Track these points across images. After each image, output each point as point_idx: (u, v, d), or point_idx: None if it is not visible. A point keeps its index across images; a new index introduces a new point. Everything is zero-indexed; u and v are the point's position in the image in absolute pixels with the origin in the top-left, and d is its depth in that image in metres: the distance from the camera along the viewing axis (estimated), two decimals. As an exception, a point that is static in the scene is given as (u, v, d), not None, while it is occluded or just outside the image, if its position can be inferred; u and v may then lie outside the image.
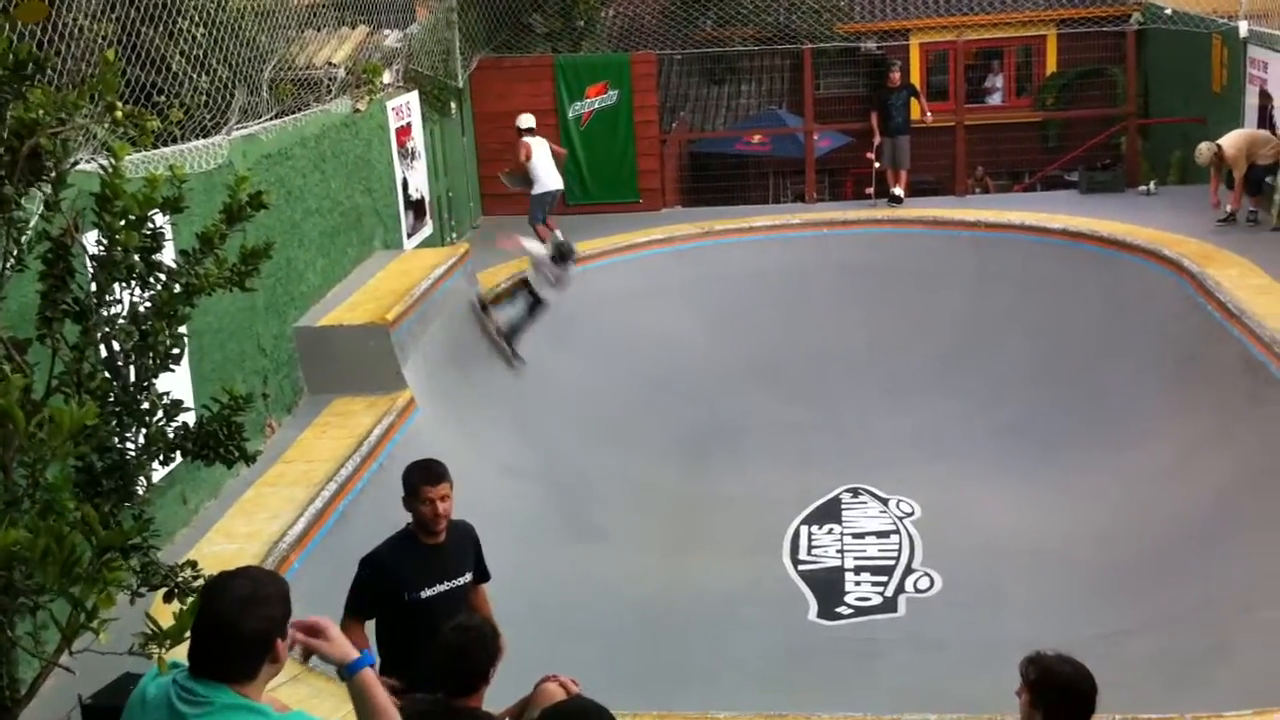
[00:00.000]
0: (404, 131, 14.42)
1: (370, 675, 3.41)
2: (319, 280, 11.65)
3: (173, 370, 4.80)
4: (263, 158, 10.45)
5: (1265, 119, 15.35)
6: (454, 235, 16.29)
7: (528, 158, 15.16)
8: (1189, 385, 12.25)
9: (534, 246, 13.61)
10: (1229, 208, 14.90)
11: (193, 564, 4.67)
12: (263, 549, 7.98)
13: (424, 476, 5.55)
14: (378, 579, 5.52)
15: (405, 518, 5.71)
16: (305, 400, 10.80)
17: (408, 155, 14.53)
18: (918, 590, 10.41)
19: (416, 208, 14.80)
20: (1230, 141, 14.72)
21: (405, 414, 10.64)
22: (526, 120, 15.37)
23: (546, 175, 15.29)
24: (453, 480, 5.60)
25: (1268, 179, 14.68)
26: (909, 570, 10.72)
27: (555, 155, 15.51)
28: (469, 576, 5.72)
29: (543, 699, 4.69)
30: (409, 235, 14.40)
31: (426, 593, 5.50)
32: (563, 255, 13.33)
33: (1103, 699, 4.46)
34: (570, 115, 17.66)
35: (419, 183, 14.94)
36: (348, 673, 3.37)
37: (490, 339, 13.22)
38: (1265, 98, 15.38)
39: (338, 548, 8.03)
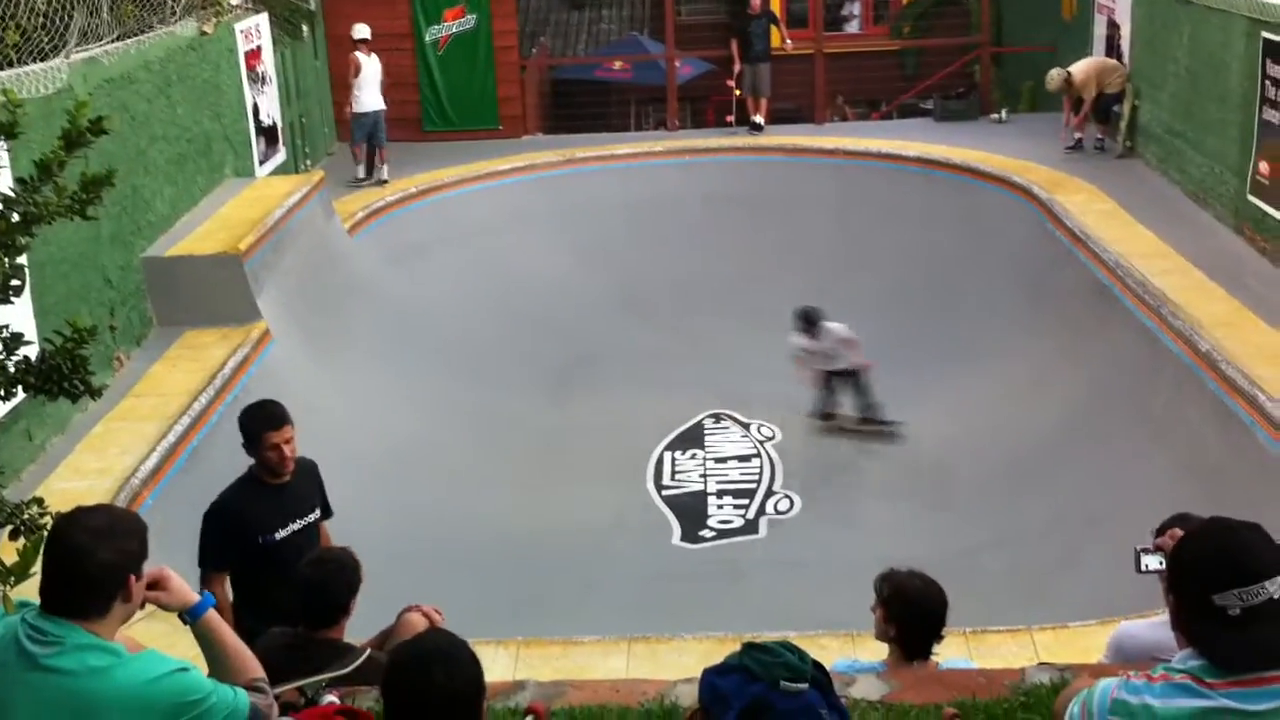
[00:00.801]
0: (254, 55, 13.97)
1: (215, 617, 3.35)
2: (167, 209, 11.27)
3: (12, 303, 4.60)
4: (104, 82, 10.03)
5: (1113, 48, 15.75)
6: (308, 163, 15.88)
7: (356, 73, 15.07)
8: (1040, 308, 12.62)
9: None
10: (1076, 135, 15.30)
11: (39, 501, 4.51)
12: (114, 485, 7.77)
13: (267, 423, 5.40)
14: (228, 527, 5.38)
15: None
16: (155, 332, 10.49)
17: (258, 80, 14.09)
18: (778, 512, 10.61)
19: (268, 134, 14.39)
20: (1080, 69, 15.09)
21: (260, 346, 10.42)
22: (360, 30, 15.15)
23: (365, 95, 15.13)
24: (292, 419, 5.46)
25: (1115, 107, 15.09)
26: (770, 493, 10.91)
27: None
28: (318, 513, 5.64)
29: (405, 629, 4.67)
30: (261, 163, 14.01)
31: (280, 534, 5.41)
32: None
33: (954, 613, 4.61)
34: (427, 39, 17.30)
35: (270, 108, 14.52)
36: (190, 618, 3.30)
37: (865, 432, 11.80)
38: (1113, 27, 15.77)
39: (192, 484, 7.86)
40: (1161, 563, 3.15)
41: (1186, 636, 2.72)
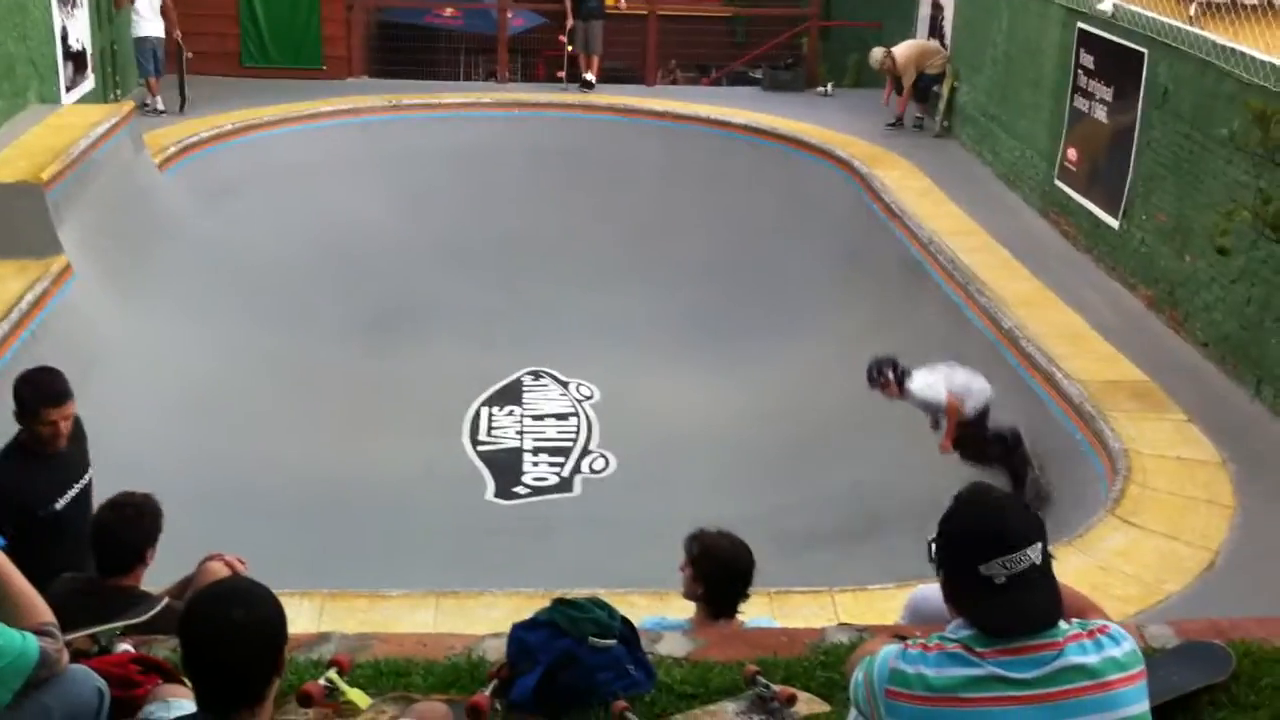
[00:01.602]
0: (64, -25, 13.28)
1: (3, 559, 3.19)
2: (-37, 132, 10.68)
3: None
4: (-103, -8, 9.42)
5: (936, 28, 16.16)
6: (119, 92, 15.19)
7: None
8: (855, 280, 12.92)
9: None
10: (897, 112, 15.67)
11: None
12: (-106, 422, 7.33)
13: (46, 398, 4.99)
14: (4, 507, 4.91)
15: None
16: (-55, 262, 9.93)
17: (68, 2, 13.40)
18: (593, 471, 10.65)
19: (77, 60, 13.71)
20: (901, 51, 15.46)
21: (60, 280, 9.96)
22: None
23: (143, 21, 14.79)
24: (73, 393, 5.07)
25: (935, 87, 15.51)
26: (585, 451, 10.95)
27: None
28: (91, 472, 5.30)
29: (206, 578, 4.52)
30: (68, 89, 13.35)
31: (60, 503, 5.08)
32: None
33: (759, 574, 4.70)
34: (250, -29, 16.70)
35: (80, 33, 13.83)
36: None
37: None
38: (937, 8, 16.18)
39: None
40: None
41: (957, 607, 2.79)
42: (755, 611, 5.10)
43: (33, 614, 3.20)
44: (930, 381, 8.87)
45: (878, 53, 15.53)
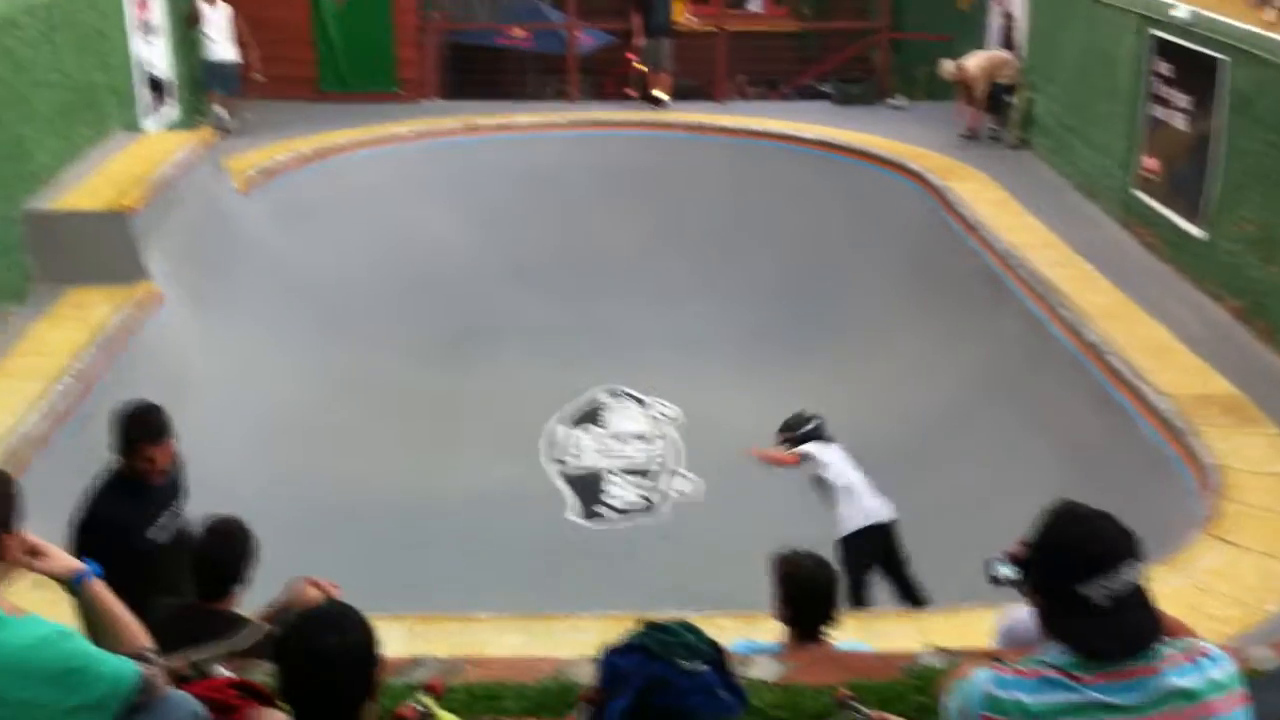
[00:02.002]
0: (143, 4, 13.54)
1: (100, 584, 3.25)
2: (50, 160, 10.89)
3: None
4: (-14, 25, 9.66)
5: (1007, 39, 16.02)
6: (200, 119, 15.46)
7: (195, 23, 15.10)
8: (930, 294, 12.81)
9: None
10: (970, 125, 15.55)
11: (-84, 462, 4.34)
12: (-5, 447, 7.51)
13: (145, 433, 5.06)
14: (105, 536, 4.94)
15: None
16: (37, 289, 10.15)
17: (148, 30, 13.67)
18: (679, 492, 10.64)
19: (158, 87, 13.97)
20: (973, 62, 15.34)
21: (148, 307, 10.15)
22: None
23: (213, 43, 15.16)
24: (173, 430, 5.15)
25: (1007, 98, 15.36)
26: (667, 471, 10.93)
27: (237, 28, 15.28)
28: (186, 498, 5.40)
29: (298, 601, 4.58)
30: (149, 117, 13.61)
31: (155, 533, 5.16)
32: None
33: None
34: (325, -2, 16.94)
35: (160, 61, 14.10)
36: (75, 584, 3.21)
37: None
38: (1008, 19, 16.03)
39: (80, 448, 7.62)
40: (1015, 571, 3.16)
41: (1055, 633, 2.73)
42: (846, 634, 5.07)
43: (131, 639, 3.24)
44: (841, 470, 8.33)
45: (948, 65, 15.43)
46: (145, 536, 5.11)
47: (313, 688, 2.79)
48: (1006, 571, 3.10)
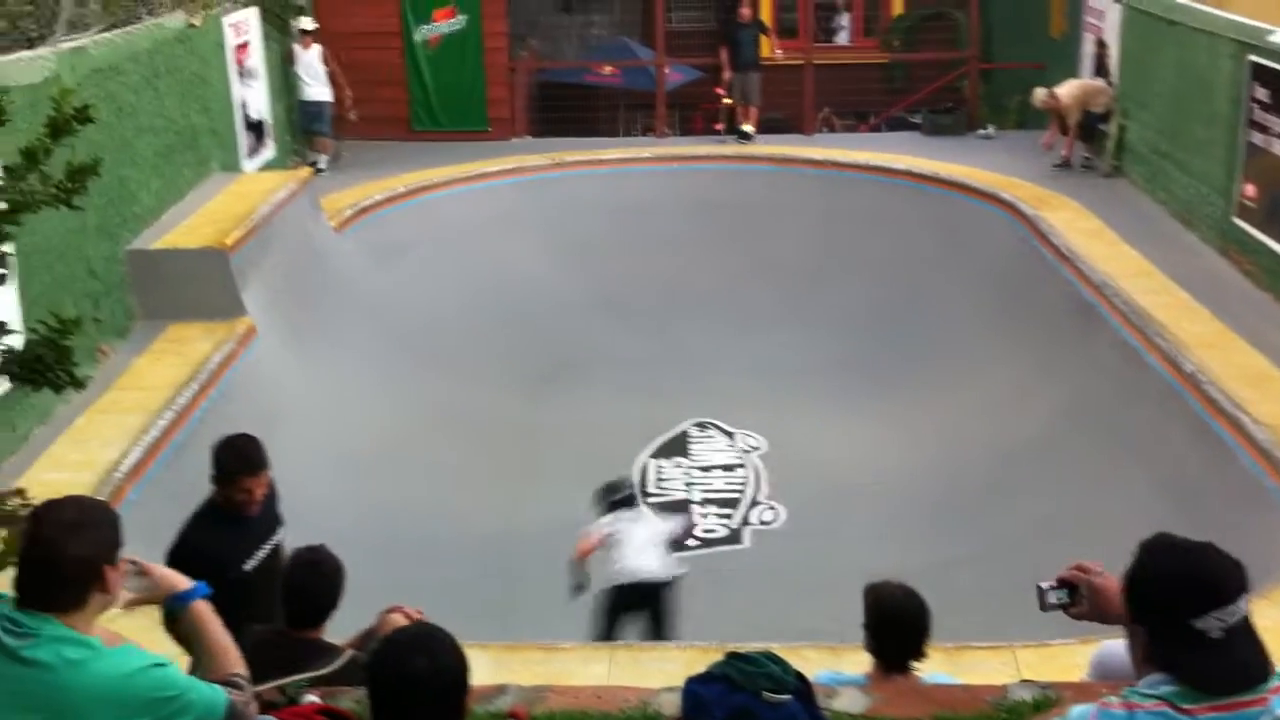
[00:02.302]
0: (242, 49, 13.93)
1: (205, 607, 3.31)
2: (153, 201, 11.22)
3: (-3, 291, 4.58)
4: (92, 72, 9.98)
5: (1101, 67, 15.82)
6: (296, 159, 15.84)
7: (290, 63, 15.62)
8: (1022, 324, 12.65)
9: None
10: (1063, 153, 15.36)
11: (21, 491, 4.50)
12: (95, 478, 7.72)
13: (243, 465, 5.13)
14: (197, 567, 4.65)
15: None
16: (139, 325, 10.44)
17: (247, 74, 14.05)
18: (762, 522, 10.60)
19: (256, 129, 14.34)
20: (1065, 90, 15.16)
21: (245, 341, 10.38)
22: (300, 23, 15.65)
23: (306, 84, 15.63)
24: (270, 463, 5.21)
25: (1101, 126, 15.16)
26: (754, 503, 10.90)
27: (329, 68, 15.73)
28: (282, 531, 5.43)
29: (386, 629, 4.63)
30: (248, 157, 13.96)
31: (249, 564, 5.20)
32: None
33: (935, 627, 4.60)
34: (417, 39, 17.25)
35: (258, 103, 14.47)
36: (179, 603, 3.28)
37: None
38: (1101, 46, 15.84)
39: (175, 479, 7.82)
40: (1066, 597, 3.22)
41: (1164, 666, 2.68)
42: (933, 667, 4.99)
43: (226, 664, 3.31)
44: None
45: (1040, 93, 15.26)
46: (241, 568, 5.19)
47: (402, 709, 2.81)
48: (1057, 597, 3.15)
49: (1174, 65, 13.36)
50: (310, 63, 15.61)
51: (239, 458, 5.16)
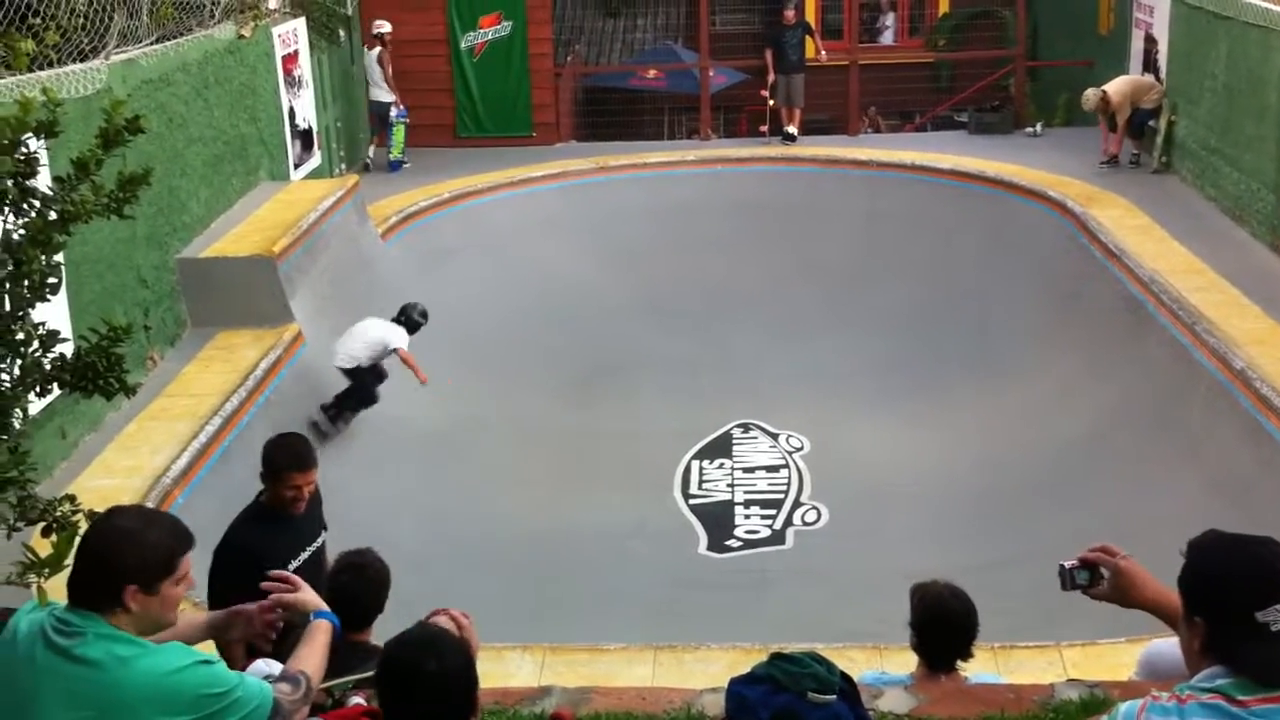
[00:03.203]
0: (290, 59, 14.06)
1: (326, 626, 3.53)
2: (202, 210, 11.36)
3: (49, 300, 4.66)
4: (143, 83, 10.12)
5: (1150, 63, 15.67)
6: (343, 167, 15.99)
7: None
8: (1071, 322, 12.55)
9: None
10: (1112, 150, 15.22)
11: (71, 498, 4.57)
12: (144, 484, 7.82)
13: (294, 462, 5.18)
14: (241, 566, 4.95)
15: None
16: (188, 333, 10.57)
17: (294, 84, 14.19)
18: (805, 523, 10.57)
19: (304, 138, 14.48)
20: (1115, 88, 15.01)
21: (293, 348, 10.49)
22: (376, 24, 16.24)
23: (373, 85, 16.46)
24: (318, 462, 5.28)
25: (1150, 122, 15.01)
26: (797, 504, 10.88)
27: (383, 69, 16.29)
28: (324, 534, 5.49)
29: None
30: (296, 166, 14.10)
31: (294, 565, 5.18)
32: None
33: (982, 627, 4.59)
34: (463, 46, 17.37)
35: (306, 112, 14.62)
36: (315, 616, 3.54)
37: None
38: (1150, 42, 15.68)
39: (222, 484, 7.91)
40: (1088, 579, 3.27)
41: (1220, 655, 2.69)
42: (979, 666, 4.98)
43: (309, 668, 3.42)
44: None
45: (1091, 94, 15.07)
46: (285, 567, 5.24)
47: (413, 710, 2.88)
48: (1080, 578, 3.21)
49: (1225, 60, 13.21)
50: (369, 64, 16.21)
51: (290, 454, 5.23)
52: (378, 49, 16.09)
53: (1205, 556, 2.78)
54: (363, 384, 10.74)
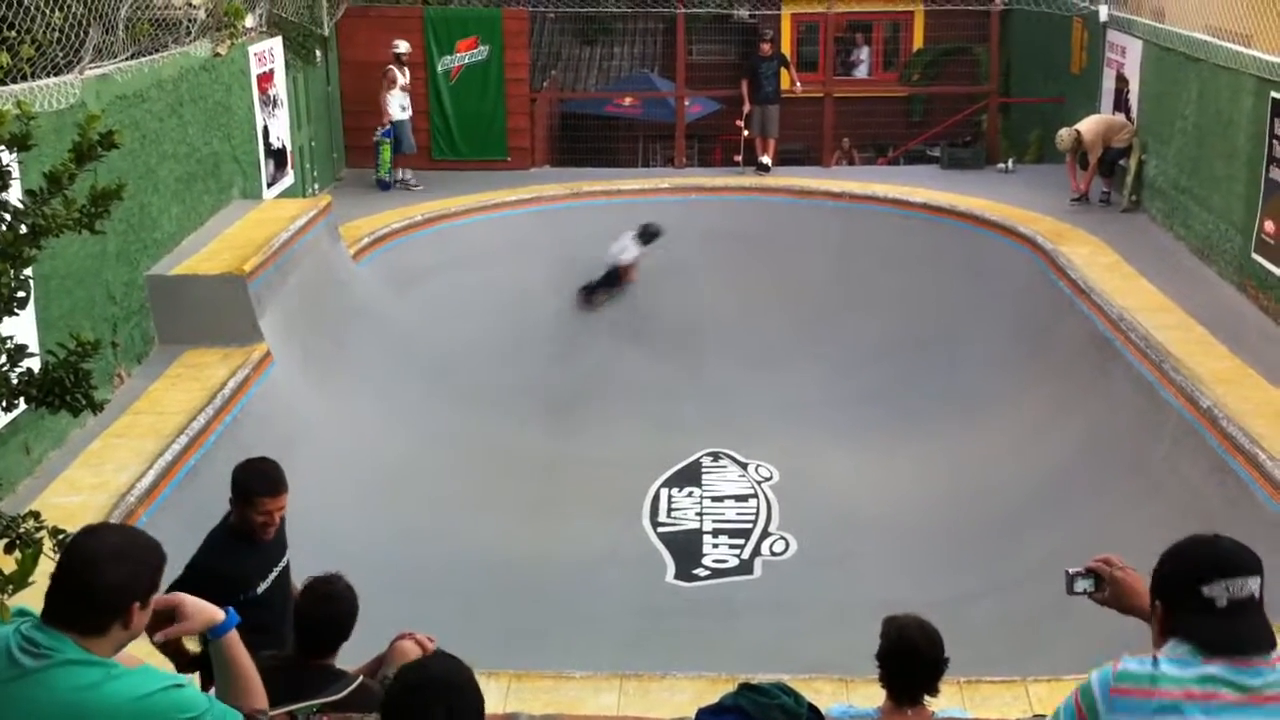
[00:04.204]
0: (266, 78, 14.04)
1: (235, 638, 3.33)
2: (174, 228, 11.30)
3: (17, 314, 4.61)
4: (117, 99, 10.08)
5: (1121, 102, 15.83)
6: (316, 187, 15.95)
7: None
8: (1040, 358, 12.62)
9: None
10: (1082, 188, 15.35)
11: (35, 514, 4.51)
12: (109, 501, 7.74)
13: (264, 487, 5.13)
14: (209, 589, 4.63)
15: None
16: (157, 350, 10.49)
17: (269, 103, 14.15)
18: (773, 553, 10.57)
19: (277, 157, 14.44)
20: (1088, 127, 15.17)
21: (261, 367, 10.41)
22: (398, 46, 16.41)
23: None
24: (288, 487, 5.22)
25: (1121, 161, 15.16)
26: (765, 534, 10.87)
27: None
28: (289, 552, 5.44)
29: (398, 656, 4.63)
30: (269, 185, 14.05)
31: (261, 587, 5.21)
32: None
33: (950, 661, 4.58)
34: (439, 69, 17.38)
35: (280, 131, 14.58)
36: (212, 637, 3.30)
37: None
38: (1122, 81, 15.85)
39: (188, 502, 7.85)
40: (1092, 585, 3.46)
41: (1175, 632, 2.95)
42: (946, 701, 4.97)
43: (250, 697, 3.31)
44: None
45: (1065, 134, 15.21)
46: (252, 590, 5.20)
47: None
48: (1084, 585, 3.41)
49: (1195, 101, 13.36)
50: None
51: (260, 479, 5.17)
52: (390, 68, 16.31)
53: (1167, 551, 3.07)
54: (613, 276, 14.66)
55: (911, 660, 4.61)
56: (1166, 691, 2.86)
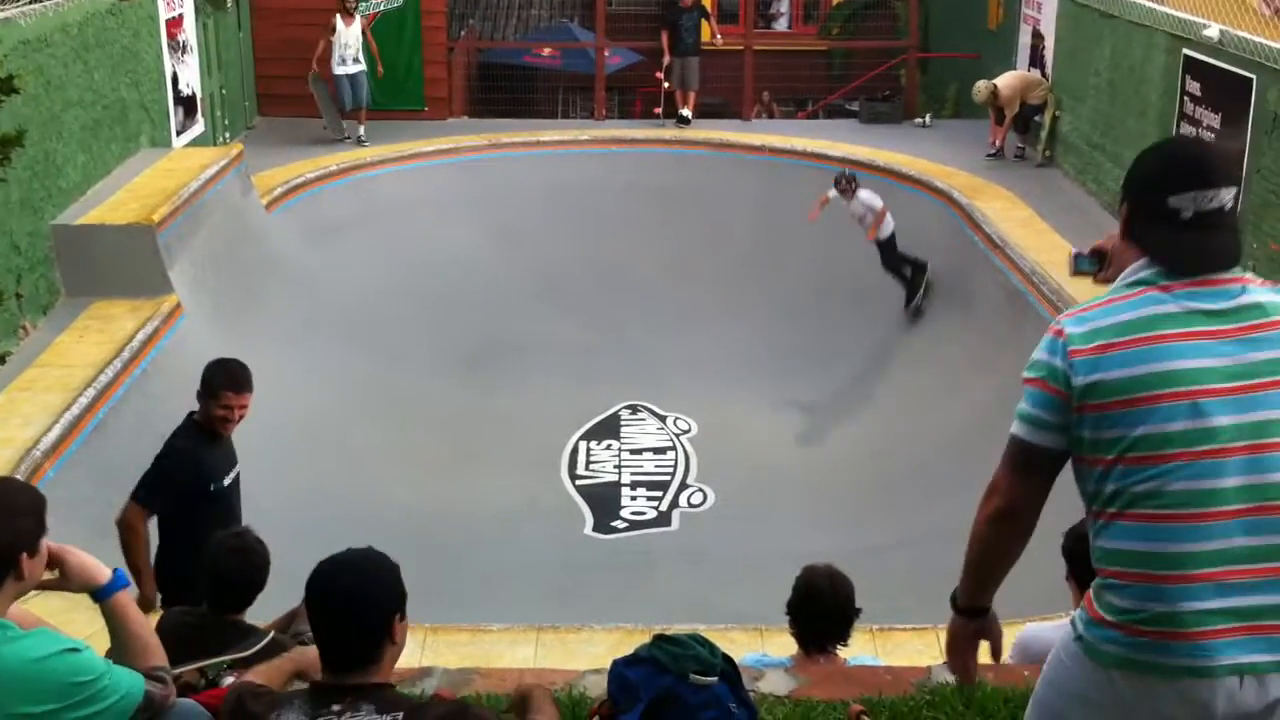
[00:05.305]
0: (175, 23, 13.67)
1: (126, 597, 3.24)
2: (79, 177, 11.01)
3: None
4: (19, 44, 9.76)
5: (1036, 58, 15.98)
6: (227, 135, 15.61)
7: None
8: (957, 312, 12.77)
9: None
10: (997, 143, 15.50)
11: (-68, 470, 4.38)
12: (15, 456, 7.56)
13: (230, 383, 5.49)
14: (184, 471, 5.44)
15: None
16: (63, 302, 10.24)
17: (179, 48, 13.80)
18: (691, 505, 10.62)
19: (187, 105, 14.10)
20: (1005, 82, 15.29)
21: (171, 319, 10.21)
22: None
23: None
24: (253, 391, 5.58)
25: (1036, 117, 15.32)
26: (683, 486, 10.92)
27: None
28: (239, 469, 5.76)
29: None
30: (178, 133, 13.72)
31: (226, 481, 5.55)
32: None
33: (863, 610, 4.64)
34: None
35: (190, 78, 14.23)
36: (102, 597, 3.20)
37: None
38: (1038, 37, 15.99)
39: (95, 457, 7.69)
40: (1096, 266, 3.23)
41: (1137, 241, 2.80)
42: (858, 649, 5.04)
43: (147, 655, 3.24)
44: (872, 194, 13.40)
45: (982, 86, 15.33)
46: (219, 482, 5.53)
47: (332, 626, 2.92)
48: (1088, 265, 3.16)
49: (1109, 58, 13.52)
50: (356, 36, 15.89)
51: (227, 375, 5.52)
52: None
53: (1147, 149, 2.92)
54: (888, 251, 13.37)
55: (817, 608, 4.67)
56: (1127, 341, 2.67)
